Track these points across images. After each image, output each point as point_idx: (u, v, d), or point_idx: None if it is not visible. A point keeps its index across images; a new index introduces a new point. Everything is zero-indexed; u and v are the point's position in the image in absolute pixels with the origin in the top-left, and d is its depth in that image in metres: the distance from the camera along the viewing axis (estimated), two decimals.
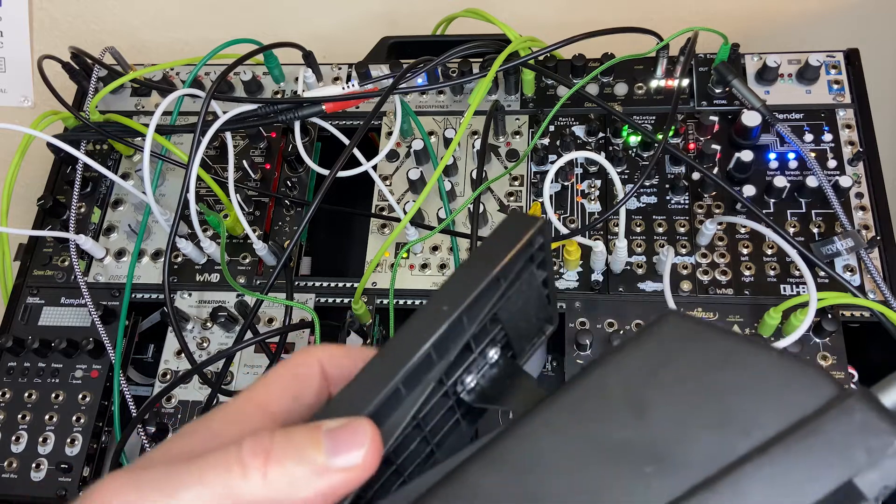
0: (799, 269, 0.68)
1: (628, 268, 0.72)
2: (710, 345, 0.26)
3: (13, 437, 0.71)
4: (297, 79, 0.83)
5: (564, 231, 0.68)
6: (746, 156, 0.71)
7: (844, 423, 0.23)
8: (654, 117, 0.79)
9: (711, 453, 0.24)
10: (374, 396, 0.27)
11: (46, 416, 0.72)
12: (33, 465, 0.70)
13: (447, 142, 0.79)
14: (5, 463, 0.70)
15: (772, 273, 0.70)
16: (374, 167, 0.72)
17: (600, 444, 0.25)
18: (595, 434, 0.25)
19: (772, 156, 0.75)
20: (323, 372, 0.31)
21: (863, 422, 0.23)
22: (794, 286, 0.69)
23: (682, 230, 0.73)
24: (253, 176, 0.80)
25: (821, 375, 0.25)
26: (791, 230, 0.71)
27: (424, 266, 0.75)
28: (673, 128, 0.77)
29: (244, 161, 0.79)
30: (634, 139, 0.77)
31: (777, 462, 0.23)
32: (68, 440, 0.70)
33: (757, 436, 0.24)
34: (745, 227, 0.72)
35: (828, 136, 0.75)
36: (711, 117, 0.76)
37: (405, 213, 0.73)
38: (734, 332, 0.27)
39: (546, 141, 0.79)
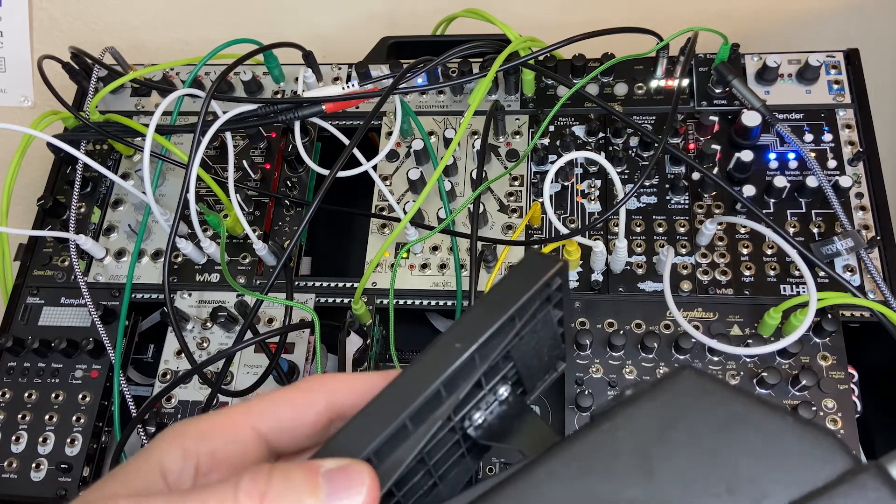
0: (799, 269, 0.68)
1: (628, 268, 0.72)
2: (725, 406, 0.25)
3: (13, 437, 0.71)
4: (297, 79, 0.83)
5: (564, 231, 0.68)
6: (746, 156, 0.71)
7: (857, 499, 0.22)
8: (654, 117, 0.79)
9: None
10: (378, 434, 0.26)
11: (46, 416, 0.72)
12: (33, 465, 0.70)
13: (447, 142, 0.79)
14: (5, 463, 0.70)
15: (772, 273, 0.70)
16: (374, 167, 0.72)
17: (605, 500, 0.24)
18: (601, 490, 0.25)
19: (772, 156, 0.75)
20: (328, 401, 0.30)
21: (876, 500, 0.22)
22: (794, 286, 0.69)
23: (682, 230, 0.73)
24: (253, 176, 0.80)
25: (836, 445, 0.24)
26: (791, 230, 0.71)
27: (424, 266, 0.75)
28: (673, 128, 0.77)
29: (244, 161, 0.79)
30: (634, 139, 0.77)
31: None
32: (68, 440, 0.70)
33: None
34: (745, 227, 0.72)
35: (828, 136, 0.75)
36: (711, 117, 0.76)
37: (405, 213, 0.73)
38: (750, 394, 0.26)
39: (546, 141, 0.79)
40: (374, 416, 0.27)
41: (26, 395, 0.73)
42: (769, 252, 0.71)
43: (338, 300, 0.75)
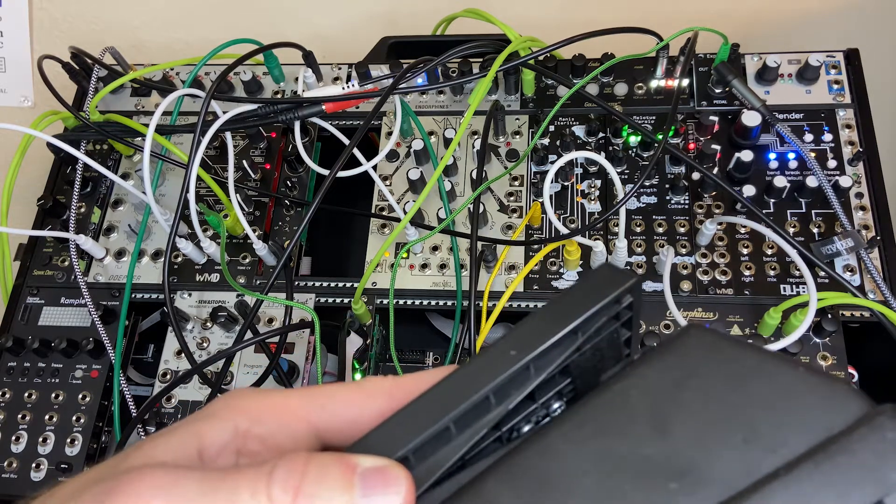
0: (799, 269, 0.68)
1: (628, 268, 0.72)
2: (735, 359, 0.25)
3: (13, 437, 0.71)
4: (297, 79, 0.83)
5: (564, 231, 0.68)
6: (746, 156, 0.71)
7: (875, 442, 0.22)
8: (654, 117, 0.79)
9: (737, 471, 0.23)
10: (420, 433, 0.26)
11: (46, 416, 0.72)
12: (33, 465, 0.70)
13: (447, 142, 0.79)
14: (5, 463, 0.70)
15: (772, 273, 0.70)
16: (374, 167, 0.72)
17: (622, 459, 0.24)
18: (617, 449, 0.24)
19: (772, 156, 0.75)
20: (386, 404, 0.29)
21: (894, 440, 0.22)
22: (794, 286, 0.69)
23: (682, 230, 0.73)
24: (253, 176, 0.80)
25: (850, 391, 0.24)
26: (791, 230, 0.71)
27: (424, 266, 0.75)
28: (673, 128, 0.77)
29: (244, 161, 0.79)
30: (634, 139, 0.77)
31: (805, 480, 0.22)
32: (68, 440, 0.70)
33: (784, 454, 0.23)
34: (745, 227, 0.72)
35: (828, 136, 0.75)
36: (711, 117, 0.76)
37: (405, 213, 0.73)
38: (759, 347, 0.26)
39: (546, 141, 0.79)
40: (418, 414, 0.26)
41: (26, 395, 0.73)
42: (769, 252, 0.71)
43: (338, 300, 0.75)
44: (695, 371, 0.25)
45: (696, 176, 0.74)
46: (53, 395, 0.73)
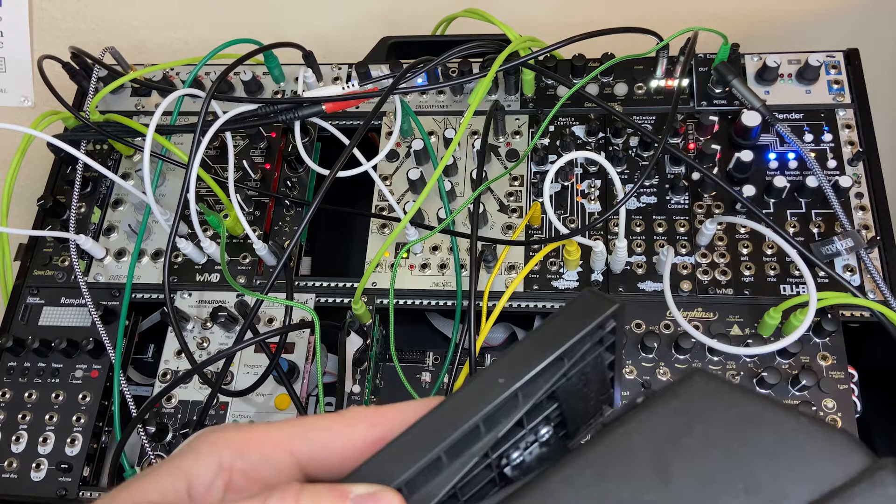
0: (799, 269, 0.68)
1: (628, 268, 0.72)
2: (738, 407, 0.25)
3: (13, 437, 0.71)
4: (297, 79, 0.83)
5: (564, 231, 0.68)
6: (746, 156, 0.71)
7: (877, 496, 0.22)
8: (654, 117, 0.79)
9: None
10: (412, 465, 0.26)
11: (46, 416, 0.72)
12: (33, 465, 0.70)
13: (447, 142, 0.80)
14: (5, 463, 0.70)
15: (772, 273, 0.70)
16: (374, 167, 0.72)
17: None
18: (618, 496, 0.24)
19: (772, 156, 0.75)
20: (368, 435, 0.29)
21: (895, 496, 0.22)
22: (793, 286, 0.69)
23: (682, 230, 0.73)
24: (253, 176, 0.80)
25: (852, 443, 0.24)
26: (791, 230, 0.71)
27: (424, 266, 0.75)
28: (673, 128, 0.77)
29: (244, 161, 0.79)
30: (634, 139, 0.77)
31: None
32: (68, 440, 0.70)
33: None
34: (745, 227, 0.72)
35: (828, 136, 0.75)
36: (711, 117, 0.76)
37: (405, 213, 0.73)
38: (763, 396, 0.26)
39: (546, 141, 0.79)
40: (409, 445, 0.26)
41: (26, 395, 0.73)
42: (769, 252, 0.71)
43: (338, 300, 0.75)
44: (698, 417, 0.25)
45: (696, 176, 0.74)
46: (53, 395, 0.73)
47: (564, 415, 0.31)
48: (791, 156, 0.75)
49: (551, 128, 0.80)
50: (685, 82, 0.79)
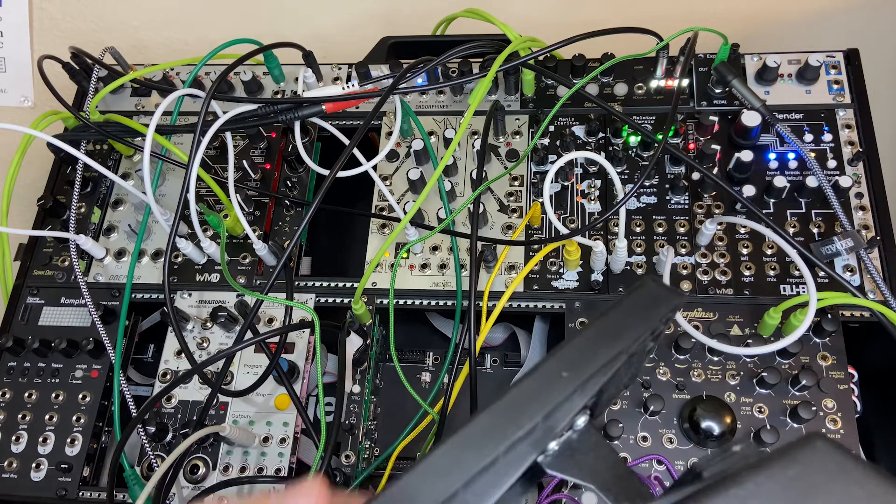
0: (799, 269, 0.68)
1: (628, 268, 0.72)
2: (862, 485, 0.24)
3: (13, 437, 0.71)
4: (297, 79, 0.83)
5: (564, 231, 0.68)
6: (746, 156, 0.71)
7: None
8: (654, 117, 0.79)
9: None
10: (466, 474, 0.24)
11: (46, 416, 0.72)
12: (33, 465, 0.70)
13: (447, 142, 0.79)
14: (5, 463, 0.70)
15: (772, 273, 0.70)
16: (374, 167, 0.72)
17: None
18: None
19: (772, 156, 0.75)
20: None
21: None
22: (793, 286, 0.69)
23: (682, 230, 0.73)
24: (253, 176, 0.80)
25: None
26: (791, 230, 0.71)
27: (424, 266, 0.75)
28: (673, 128, 0.77)
29: (244, 161, 0.79)
30: (634, 139, 0.77)
31: None
32: (68, 440, 0.70)
33: None
34: (745, 227, 0.72)
35: (828, 136, 0.75)
36: (711, 117, 0.76)
37: (405, 213, 0.73)
38: (884, 473, 0.25)
39: (546, 141, 0.79)
40: (469, 443, 0.25)
41: (26, 395, 0.73)
42: (769, 252, 0.71)
43: (338, 300, 0.75)
44: (818, 489, 0.24)
45: (696, 176, 0.74)
46: (53, 395, 0.73)
47: (598, 401, 0.30)
48: (791, 156, 0.75)
49: (551, 128, 0.80)
50: (685, 82, 0.79)
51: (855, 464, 0.25)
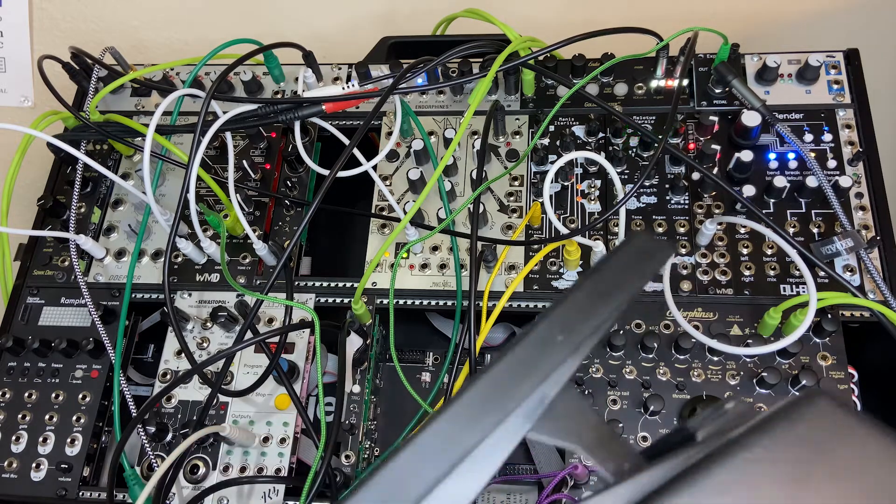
0: (799, 269, 0.68)
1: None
2: (866, 442, 0.24)
3: (13, 437, 0.71)
4: (297, 79, 0.83)
5: (564, 231, 0.68)
6: (746, 156, 0.71)
7: None
8: (654, 117, 0.79)
9: None
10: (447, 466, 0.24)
11: (46, 416, 0.72)
12: (33, 465, 0.70)
13: (447, 142, 0.79)
14: (5, 463, 0.70)
15: (772, 273, 0.70)
16: (374, 167, 0.72)
17: None
18: None
19: (772, 156, 0.75)
20: None
21: None
22: (794, 286, 0.69)
23: (682, 230, 0.73)
24: (253, 176, 0.80)
25: None
26: (791, 230, 0.71)
27: (424, 266, 0.75)
28: (673, 128, 0.77)
29: (244, 161, 0.79)
30: (634, 139, 0.77)
31: None
32: (68, 440, 0.70)
33: None
34: (745, 227, 0.72)
35: (828, 136, 0.75)
36: (711, 117, 0.76)
37: (405, 213, 0.73)
38: (887, 428, 0.25)
39: (546, 141, 0.79)
40: (460, 420, 0.24)
41: (26, 395, 0.73)
42: (769, 252, 0.71)
43: (338, 300, 0.75)
44: (822, 448, 0.24)
45: (696, 176, 0.74)
46: (53, 395, 0.73)
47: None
48: (791, 156, 0.75)
49: (551, 128, 0.80)
50: (685, 82, 0.79)
51: (857, 420, 0.24)
